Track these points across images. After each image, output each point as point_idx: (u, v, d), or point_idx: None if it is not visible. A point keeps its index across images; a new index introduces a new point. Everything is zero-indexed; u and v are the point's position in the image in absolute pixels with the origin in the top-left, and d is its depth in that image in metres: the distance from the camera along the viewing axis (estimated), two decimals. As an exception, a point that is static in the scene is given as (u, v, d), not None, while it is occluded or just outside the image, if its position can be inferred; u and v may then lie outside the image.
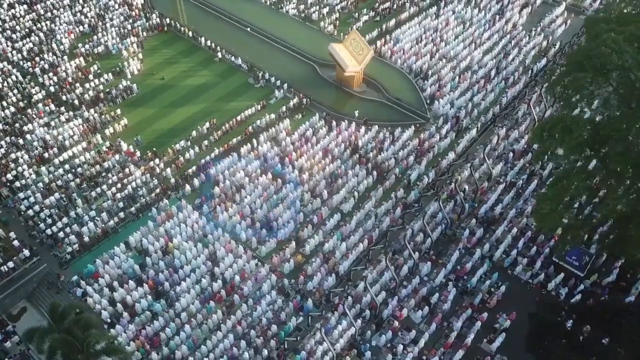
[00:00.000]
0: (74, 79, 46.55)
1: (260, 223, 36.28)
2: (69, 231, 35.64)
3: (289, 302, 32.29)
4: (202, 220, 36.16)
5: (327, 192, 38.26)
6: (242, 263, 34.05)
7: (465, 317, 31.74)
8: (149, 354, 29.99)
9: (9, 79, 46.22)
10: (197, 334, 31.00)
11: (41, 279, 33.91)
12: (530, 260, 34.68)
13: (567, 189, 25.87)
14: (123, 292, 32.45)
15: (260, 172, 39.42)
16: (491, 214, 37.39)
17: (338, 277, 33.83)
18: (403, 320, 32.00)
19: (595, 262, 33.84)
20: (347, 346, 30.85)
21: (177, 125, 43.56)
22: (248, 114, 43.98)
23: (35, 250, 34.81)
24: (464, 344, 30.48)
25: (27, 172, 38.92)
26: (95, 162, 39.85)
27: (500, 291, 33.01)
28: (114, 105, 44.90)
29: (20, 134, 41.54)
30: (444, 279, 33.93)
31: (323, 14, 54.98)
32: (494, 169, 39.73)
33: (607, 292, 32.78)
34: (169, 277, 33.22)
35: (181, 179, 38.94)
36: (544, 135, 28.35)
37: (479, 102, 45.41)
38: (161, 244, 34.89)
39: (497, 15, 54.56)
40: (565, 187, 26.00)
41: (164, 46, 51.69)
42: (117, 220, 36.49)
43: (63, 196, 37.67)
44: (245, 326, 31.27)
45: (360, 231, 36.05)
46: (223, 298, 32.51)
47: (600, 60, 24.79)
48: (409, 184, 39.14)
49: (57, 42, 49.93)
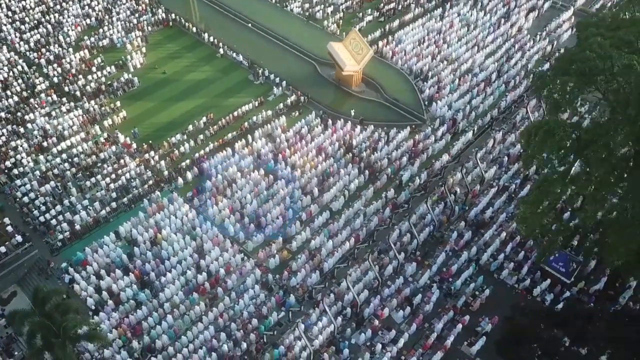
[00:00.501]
0: (77, 70, 47.40)
1: (249, 218, 36.57)
2: (61, 219, 36.31)
3: (271, 297, 32.51)
4: (191, 213, 36.56)
5: (318, 190, 38.41)
6: (228, 257, 34.35)
7: (446, 319, 31.63)
8: (130, 341, 30.44)
9: (14, 69, 47.22)
10: (179, 324, 31.37)
11: (32, 264, 34.62)
12: (518, 265, 34.45)
13: (546, 194, 25.64)
14: (109, 281, 32.97)
15: (253, 167, 39.73)
16: (481, 217, 37.19)
17: (322, 274, 33.96)
18: (384, 320, 32.01)
19: (584, 269, 33.52)
20: (326, 343, 30.98)
21: (175, 119, 44.08)
22: (245, 110, 44.33)
23: (28, 237, 35.58)
24: (444, 345, 30.37)
25: (25, 160, 39.73)
26: (92, 153, 40.53)
27: (484, 295, 32.81)
28: (114, 97, 45.59)
29: (22, 123, 42.43)
30: (429, 281, 33.84)
31: (327, 13, 55.16)
32: (487, 172, 39.51)
33: (593, 299, 32.44)
34: (155, 268, 33.67)
35: (175, 172, 39.41)
36: (530, 139, 28.21)
37: (477, 105, 45.17)
38: (150, 234, 35.38)
39: (503, 18, 54.19)
40: (545, 191, 25.78)
41: (168, 41, 52.34)
42: (109, 210, 37.08)
43: (58, 185, 38.41)
44: (227, 319, 31.56)
45: (348, 229, 36.12)
46: (207, 290, 32.84)
47: (583, 65, 24.55)
48: (401, 185, 39.10)
49: (64, 34, 50.87)
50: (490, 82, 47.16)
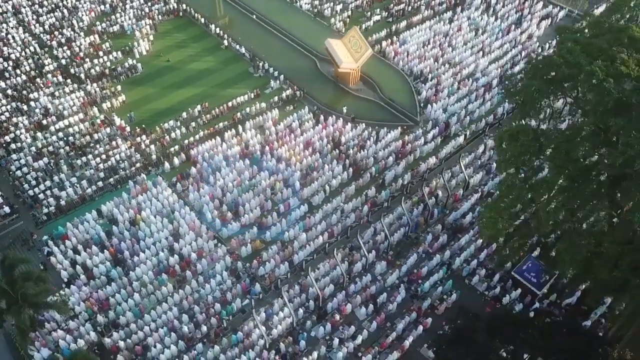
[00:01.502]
0: (85, 54, 48.98)
1: (228, 206, 37.12)
2: (49, 194, 37.67)
3: (237, 284, 32.95)
4: (172, 197, 37.36)
5: (300, 183, 38.65)
6: (202, 242, 34.96)
7: (409, 320, 31.44)
8: (95, 315, 31.39)
9: (27, 49, 49.15)
10: (145, 303, 32.13)
11: (17, 235, 36.02)
12: (492, 272, 33.95)
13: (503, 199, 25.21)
14: (85, 256, 34.03)
15: (239, 157, 40.29)
16: (461, 222, 36.75)
17: (292, 266, 34.20)
18: (347, 315, 32.04)
19: (558, 282, 32.76)
20: (285, 333, 31.23)
21: (172, 106, 45.03)
22: (240, 101, 44.96)
23: (16, 209, 37.06)
24: (402, 346, 30.19)
25: (24, 136, 41.36)
26: (87, 133, 41.87)
27: (451, 299, 32.47)
28: (117, 81, 46.93)
29: (26, 101, 44.16)
30: (397, 281, 33.68)
31: (336, 10, 55.35)
32: (472, 177, 39.01)
33: (563, 312, 31.71)
34: (130, 247, 34.56)
35: (162, 156, 40.32)
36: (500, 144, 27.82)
37: (474, 109, 44.59)
38: (131, 215, 36.33)
39: (514, 25, 53.30)
40: (505, 196, 25.36)
41: (177, 30, 53.49)
42: (95, 189, 38.25)
43: (52, 161, 39.83)
44: (192, 301, 32.17)
45: (323, 224, 36.26)
46: (177, 272, 33.50)
47: (549, 70, 24.06)
48: (383, 184, 38.97)
49: (77, 18, 52.64)
50: (490, 88, 46.51)
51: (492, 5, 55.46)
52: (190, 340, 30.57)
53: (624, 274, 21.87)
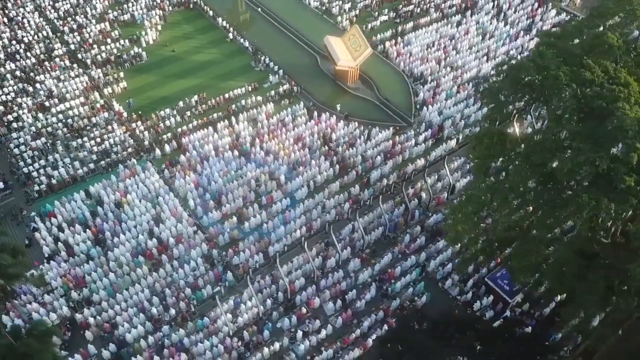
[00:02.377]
0: (94, 40, 50.40)
1: (211, 195, 37.70)
2: (42, 172, 38.97)
3: (210, 271, 33.45)
4: (158, 183, 38.16)
5: (286, 177, 38.93)
6: (182, 228, 35.62)
7: (375, 319, 31.37)
8: (71, 291, 32.34)
9: (40, 33, 50.87)
10: (120, 282, 32.93)
11: (8, 210, 37.40)
12: (467, 277, 33.57)
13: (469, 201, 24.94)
14: (69, 234, 35.10)
15: (228, 147, 40.84)
16: (441, 224, 36.41)
17: (267, 257, 34.51)
18: (315, 310, 32.18)
19: (533, 292, 32.15)
20: (251, 322, 31.58)
21: (171, 95, 45.87)
22: (237, 94, 45.54)
23: (10, 185, 38.48)
24: (364, 344, 30.18)
25: (25, 116, 42.86)
26: (86, 116, 43.10)
27: (421, 301, 32.27)
28: (120, 68, 48.15)
29: (32, 83, 45.72)
30: (369, 279, 33.64)
31: (344, 9, 55.45)
32: (459, 181, 38.63)
33: (534, 323, 31.16)
34: (112, 228, 35.48)
35: (155, 142, 41.21)
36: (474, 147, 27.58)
37: (470, 114, 44.10)
38: (117, 197, 37.29)
39: (524, 31, 52.43)
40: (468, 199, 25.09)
41: (185, 22, 54.51)
42: (86, 170, 39.37)
43: (49, 142, 41.17)
44: (165, 284, 32.83)
45: (303, 218, 36.47)
46: (153, 256, 34.23)
47: (517, 73, 23.74)
48: (368, 183, 38.94)
49: (91, 6, 54.21)
50: (490, 93, 45.81)
51: (503, 11, 54.67)
52: (158, 321, 31.20)
53: (570, 281, 21.39)
